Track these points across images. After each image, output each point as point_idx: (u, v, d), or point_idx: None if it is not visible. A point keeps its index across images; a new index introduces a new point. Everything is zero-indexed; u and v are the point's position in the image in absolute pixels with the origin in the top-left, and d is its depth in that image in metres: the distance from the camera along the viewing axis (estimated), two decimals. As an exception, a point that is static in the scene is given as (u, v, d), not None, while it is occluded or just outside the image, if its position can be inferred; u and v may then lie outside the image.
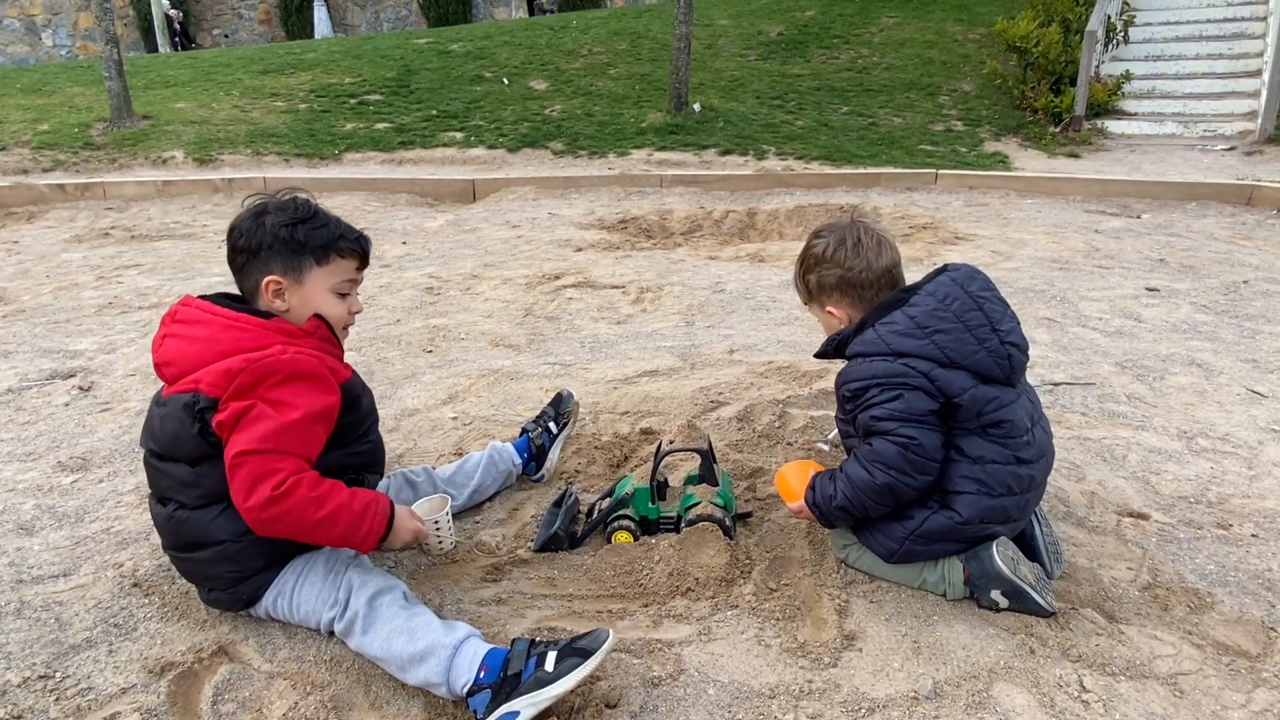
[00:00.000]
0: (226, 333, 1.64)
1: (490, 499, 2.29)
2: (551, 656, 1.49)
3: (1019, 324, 1.83)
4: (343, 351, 1.85)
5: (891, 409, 1.72)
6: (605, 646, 1.50)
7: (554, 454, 2.40)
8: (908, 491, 1.73)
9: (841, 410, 1.91)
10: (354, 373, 1.82)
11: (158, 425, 1.67)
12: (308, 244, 1.71)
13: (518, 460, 2.32)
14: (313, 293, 1.74)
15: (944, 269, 1.85)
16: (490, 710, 1.46)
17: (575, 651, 1.50)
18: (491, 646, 1.55)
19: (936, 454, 1.72)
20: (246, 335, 1.64)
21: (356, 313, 1.85)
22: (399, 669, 1.57)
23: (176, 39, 17.76)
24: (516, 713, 1.45)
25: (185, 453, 1.63)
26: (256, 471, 1.51)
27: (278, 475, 1.52)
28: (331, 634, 1.71)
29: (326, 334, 1.77)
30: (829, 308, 1.92)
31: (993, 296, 1.81)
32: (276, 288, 1.71)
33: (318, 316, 1.75)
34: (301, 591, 1.71)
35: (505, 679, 1.48)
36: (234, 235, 1.73)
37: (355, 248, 1.79)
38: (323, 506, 1.56)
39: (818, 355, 2.01)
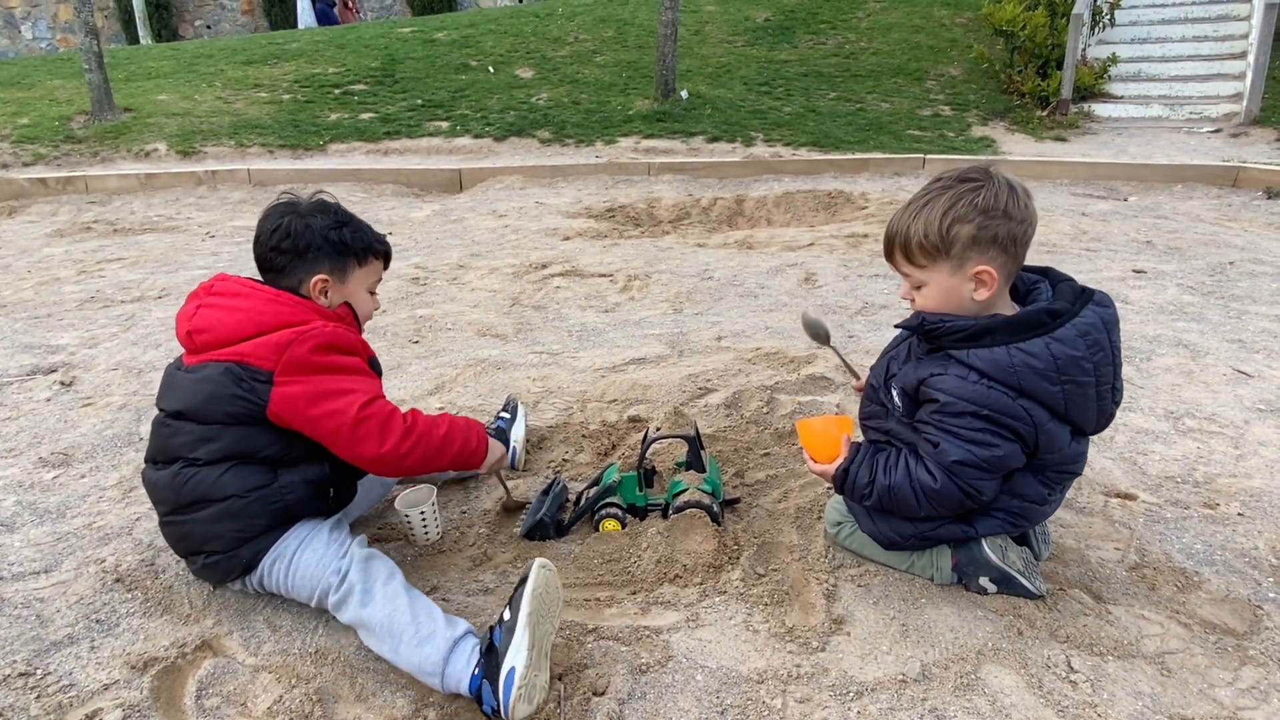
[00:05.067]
0: (270, 305, 1.75)
1: (477, 487, 2.27)
2: (505, 612, 1.53)
3: None
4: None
5: (981, 458, 1.56)
6: (537, 564, 1.55)
7: (518, 431, 2.44)
8: (937, 515, 1.71)
9: (904, 404, 1.71)
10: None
11: (190, 388, 1.71)
12: (352, 246, 1.86)
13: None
14: (353, 290, 1.90)
15: (1090, 296, 1.61)
16: (495, 691, 1.47)
17: (515, 591, 1.54)
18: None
19: (991, 499, 1.65)
20: (288, 310, 1.75)
21: (377, 310, 2.04)
22: (392, 648, 1.57)
23: (322, 5, 16.75)
24: (513, 668, 1.46)
25: (216, 415, 1.68)
26: (380, 415, 1.67)
27: (395, 414, 1.70)
28: (321, 609, 1.70)
29: (352, 320, 1.91)
30: (981, 267, 1.54)
31: (1119, 342, 1.63)
32: (324, 285, 1.84)
33: (346, 304, 1.89)
34: (303, 556, 1.72)
35: (488, 659, 1.50)
36: (277, 236, 1.81)
37: (384, 249, 1.97)
38: (438, 426, 1.77)
39: (905, 325, 1.68)
